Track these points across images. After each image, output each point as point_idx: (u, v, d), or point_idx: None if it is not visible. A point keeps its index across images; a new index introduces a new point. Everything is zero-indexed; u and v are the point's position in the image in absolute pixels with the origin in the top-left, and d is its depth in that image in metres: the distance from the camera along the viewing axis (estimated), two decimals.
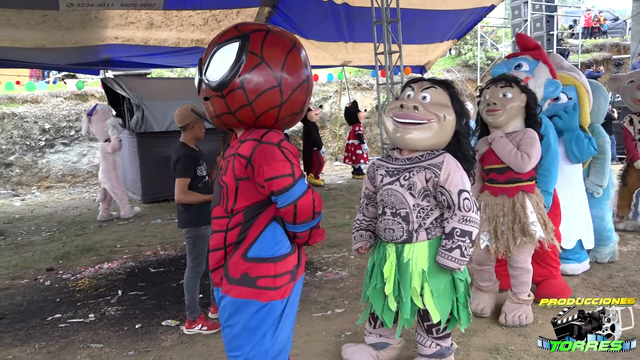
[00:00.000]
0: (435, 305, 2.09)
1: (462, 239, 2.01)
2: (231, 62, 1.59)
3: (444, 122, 2.07)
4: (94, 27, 7.09)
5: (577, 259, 3.57)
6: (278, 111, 1.64)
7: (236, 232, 1.67)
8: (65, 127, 10.55)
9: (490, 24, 18.18)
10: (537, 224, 2.72)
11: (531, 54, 3.28)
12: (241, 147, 1.65)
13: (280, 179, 1.59)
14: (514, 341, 2.60)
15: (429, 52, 10.49)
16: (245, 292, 1.65)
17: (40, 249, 5.25)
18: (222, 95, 1.61)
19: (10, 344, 2.93)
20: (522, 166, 2.68)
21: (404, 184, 2.08)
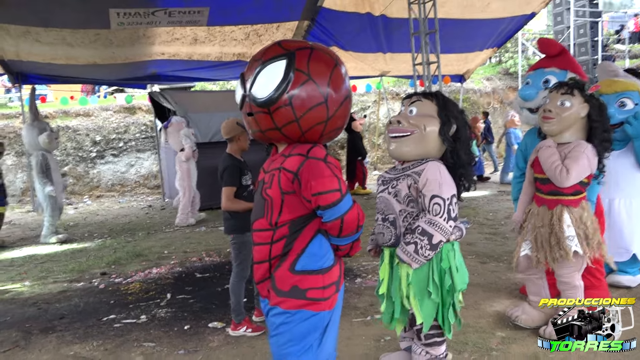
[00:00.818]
0: (420, 307, 2.15)
1: (421, 237, 2.07)
2: (279, 80, 1.62)
3: (425, 132, 2.16)
4: (142, 44, 7.45)
5: (631, 272, 3.48)
6: (324, 127, 1.68)
7: (281, 244, 1.69)
8: (114, 139, 11.04)
9: (532, 31, 17.90)
10: (573, 239, 2.63)
11: (557, 65, 3.20)
12: (287, 161, 1.68)
13: (328, 194, 1.62)
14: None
15: (469, 61, 10.43)
16: (296, 304, 1.68)
17: (94, 255, 5.54)
18: (269, 112, 1.64)
19: (71, 342, 3.14)
20: (559, 181, 2.60)
21: (391, 191, 2.20)
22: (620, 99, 3.38)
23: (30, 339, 3.23)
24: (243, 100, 1.71)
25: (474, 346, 2.70)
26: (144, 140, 11.19)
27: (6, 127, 10.54)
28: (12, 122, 10.70)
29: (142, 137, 11.21)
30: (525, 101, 3.27)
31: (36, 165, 6.28)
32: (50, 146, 6.36)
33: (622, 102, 3.37)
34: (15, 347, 3.10)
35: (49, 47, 7.05)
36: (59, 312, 3.71)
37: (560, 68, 3.18)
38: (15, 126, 10.46)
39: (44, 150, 6.32)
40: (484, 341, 2.75)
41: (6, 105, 12.38)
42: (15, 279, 4.72)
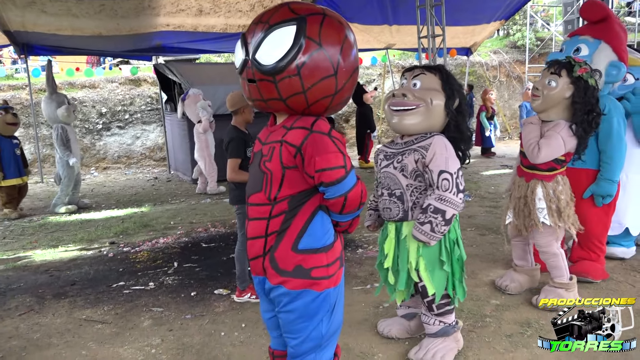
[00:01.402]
0: (430, 278, 2.24)
1: (435, 215, 2.12)
2: (287, 47, 1.49)
3: (431, 106, 2.18)
4: (147, 15, 7.43)
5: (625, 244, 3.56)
6: (331, 100, 1.59)
7: (279, 220, 1.62)
8: (120, 110, 11.09)
9: (542, 2, 17.57)
10: (542, 211, 2.75)
11: (592, 33, 3.07)
12: (289, 134, 1.59)
13: (333, 170, 1.54)
14: (546, 316, 2.70)
15: (476, 34, 10.32)
16: (300, 284, 1.64)
17: (102, 225, 5.67)
18: (274, 81, 1.52)
19: (83, 306, 3.27)
20: (531, 156, 2.72)
21: (397, 166, 2.23)
22: None
23: (44, 303, 3.36)
24: (244, 65, 1.57)
25: (469, 313, 2.81)
26: (149, 112, 11.23)
27: (13, 98, 10.58)
28: (18, 93, 10.75)
29: (147, 109, 11.24)
30: None
31: (57, 138, 6.42)
32: (68, 119, 6.50)
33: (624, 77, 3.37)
34: (30, 311, 3.24)
35: (54, 18, 7.05)
36: (70, 279, 3.84)
37: (594, 37, 3.05)
38: (22, 97, 10.51)
39: (63, 123, 6.46)
40: (478, 308, 2.85)
41: (12, 77, 12.41)
42: (26, 247, 4.86)
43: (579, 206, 2.98)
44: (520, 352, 2.41)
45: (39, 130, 9.83)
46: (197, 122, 7.17)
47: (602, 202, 3.06)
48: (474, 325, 2.67)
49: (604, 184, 3.01)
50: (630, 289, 3.06)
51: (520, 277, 3.05)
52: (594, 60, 3.01)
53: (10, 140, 6.37)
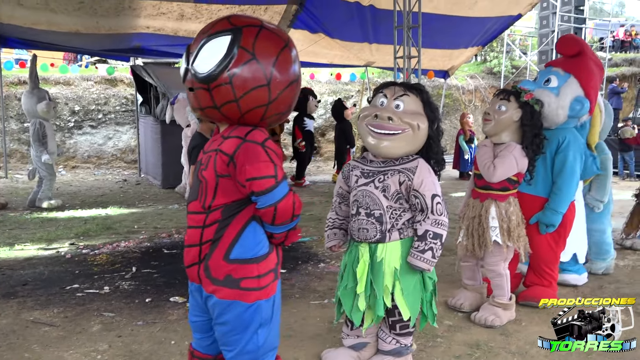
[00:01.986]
0: (406, 302, 2.20)
1: (434, 241, 2.13)
2: (221, 56, 1.54)
3: (418, 131, 2.16)
4: (127, 15, 7.37)
5: (576, 271, 3.61)
6: (265, 110, 1.61)
7: (213, 229, 1.63)
8: (93, 110, 10.93)
9: (521, 32, 18.07)
10: (495, 229, 2.87)
11: (564, 67, 3.13)
12: (224, 143, 1.62)
13: (263, 180, 1.56)
14: (495, 339, 2.74)
15: (453, 58, 10.53)
16: (230, 294, 1.64)
17: (64, 225, 5.54)
18: (208, 89, 1.57)
19: (32, 307, 3.18)
20: (487, 175, 2.84)
21: (378, 186, 2.17)
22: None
23: None
24: (186, 74, 1.63)
25: (421, 333, 2.82)
26: (124, 113, 11.09)
27: None
28: None
29: (122, 110, 11.11)
30: None
31: (33, 133, 6.36)
32: (48, 115, 6.47)
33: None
34: None
35: (30, 12, 6.94)
36: (22, 279, 3.74)
37: (565, 70, 3.10)
38: None
39: (41, 119, 6.40)
40: (431, 328, 2.85)
41: None
42: None
43: (529, 231, 3.07)
44: None
45: (7, 125, 9.61)
46: (185, 126, 7.08)
47: (545, 231, 3.12)
48: (425, 344, 2.69)
49: (549, 214, 3.07)
50: None
51: (471, 295, 3.15)
52: (560, 93, 3.04)
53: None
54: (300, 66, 1.74)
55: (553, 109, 3.03)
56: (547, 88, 3.07)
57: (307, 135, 8.71)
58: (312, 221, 5.76)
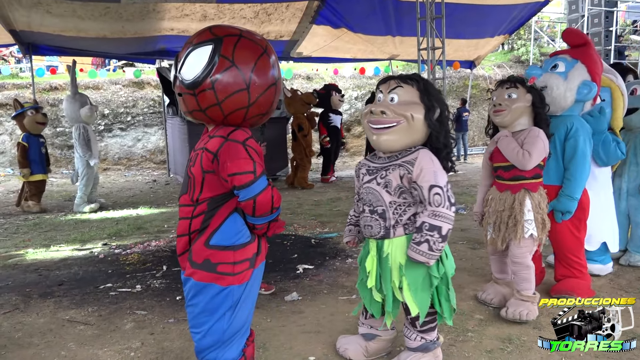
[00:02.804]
0: (413, 298, 2.15)
1: (430, 233, 2.05)
2: (204, 64, 1.70)
3: (413, 121, 2.10)
4: (152, 19, 7.50)
5: (601, 261, 3.54)
6: (245, 112, 1.77)
7: (200, 220, 1.81)
8: (122, 112, 11.16)
9: (549, 18, 17.62)
10: (532, 222, 2.81)
11: (571, 53, 3.17)
12: (210, 142, 1.78)
13: (242, 175, 1.72)
14: (528, 332, 2.68)
15: (479, 47, 10.36)
16: (206, 276, 1.80)
17: (96, 226, 5.68)
18: (194, 94, 1.73)
19: (67, 307, 3.27)
20: (523, 163, 2.77)
21: (380, 182, 2.17)
22: None
23: (30, 302, 3.36)
24: (175, 81, 1.79)
25: (451, 327, 2.79)
26: (151, 115, 11.30)
27: (16, 97, 10.67)
28: (22, 92, 10.85)
29: (149, 112, 11.32)
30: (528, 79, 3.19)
31: (78, 137, 6.58)
32: (90, 119, 6.70)
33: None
34: (15, 310, 3.24)
35: (59, 19, 7.13)
36: (58, 279, 3.85)
37: (572, 57, 3.13)
38: (26, 96, 10.58)
39: (84, 123, 6.63)
40: (461, 323, 2.83)
41: (17, 76, 12.51)
42: (19, 246, 4.88)
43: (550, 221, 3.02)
44: None
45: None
46: None
47: (560, 218, 3.07)
48: (455, 339, 2.65)
49: (564, 200, 3.02)
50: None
51: (503, 290, 3.07)
52: (568, 77, 3.06)
53: (38, 139, 6.68)
54: (279, 70, 1.88)
55: (562, 91, 3.03)
56: (554, 72, 3.09)
57: (333, 130, 8.67)
58: (339, 217, 5.75)
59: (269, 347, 2.61)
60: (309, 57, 10.13)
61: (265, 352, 2.58)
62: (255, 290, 1.96)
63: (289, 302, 3.26)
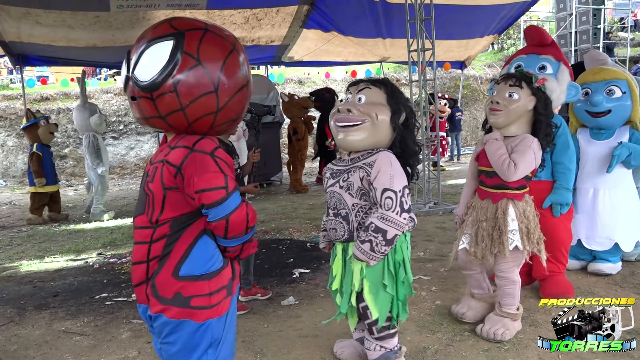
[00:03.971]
0: (374, 301, 2.13)
1: (375, 234, 2.03)
2: (163, 62, 1.45)
3: (377, 121, 2.09)
4: (142, 26, 7.47)
5: (614, 260, 3.52)
6: (214, 118, 1.53)
7: (161, 244, 1.54)
8: (115, 121, 11.12)
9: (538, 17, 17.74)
10: (516, 233, 2.56)
11: (554, 55, 3.13)
12: (171, 153, 1.52)
13: (212, 191, 1.48)
14: (525, 330, 2.69)
15: (469, 48, 10.41)
16: (179, 313, 1.55)
17: (91, 235, 5.66)
18: (151, 98, 1.48)
19: (63, 318, 3.25)
20: (507, 175, 2.52)
21: (342, 185, 2.14)
22: (609, 86, 3.42)
23: (25, 315, 3.34)
24: (126, 82, 1.54)
25: (448, 326, 2.79)
26: None
27: (8, 108, 10.63)
28: (13, 103, 10.80)
29: None
30: None
31: (88, 146, 6.58)
32: (100, 127, 6.70)
33: (610, 90, 3.40)
34: (10, 323, 3.22)
35: (49, 29, 7.10)
36: (53, 290, 3.83)
37: (556, 58, 3.09)
38: (17, 107, 10.55)
39: (94, 132, 6.62)
40: (458, 322, 2.83)
41: (8, 87, 12.46)
42: (13, 258, 4.85)
43: (543, 217, 2.91)
44: None
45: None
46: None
47: (559, 212, 3.06)
48: (452, 339, 2.66)
49: (563, 193, 3.02)
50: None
51: (478, 305, 2.85)
52: (558, 79, 3.03)
53: (49, 149, 6.71)
54: (249, 70, 1.65)
55: (557, 95, 2.97)
56: (546, 74, 3.01)
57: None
58: None
59: (267, 353, 2.61)
60: (301, 62, 10.14)
61: (263, 357, 2.57)
62: (235, 318, 1.75)
63: (285, 306, 3.26)
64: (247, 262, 3.38)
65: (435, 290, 3.34)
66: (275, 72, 12.38)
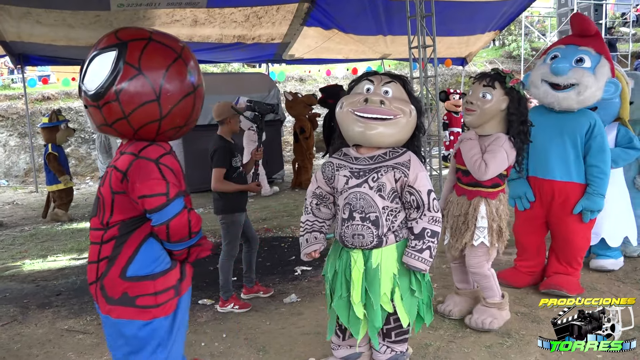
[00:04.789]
0: (405, 308, 2.05)
1: (432, 239, 1.98)
2: (107, 72, 1.52)
3: (410, 118, 2.01)
4: (143, 25, 7.45)
5: (614, 256, 3.51)
6: (158, 125, 1.59)
7: (110, 246, 1.61)
8: None
9: (539, 13, 17.69)
10: (484, 230, 2.62)
11: (595, 47, 2.98)
12: (120, 159, 1.60)
13: (153, 197, 1.54)
14: (527, 326, 2.70)
15: (470, 44, 10.38)
16: (126, 312, 1.61)
17: None
18: (98, 106, 1.55)
19: (66, 316, 3.26)
20: (479, 175, 2.56)
21: (373, 185, 1.99)
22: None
23: (28, 313, 3.35)
24: (80, 91, 1.62)
25: (450, 323, 2.80)
26: None
27: (9, 108, 10.64)
28: (15, 103, 10.81)
29: None
30: (555, 75, 2.94)
31: (100, 145, 6.74)
32: None
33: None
34: (13, 322, 3.22)
35: (49, 29, 7.11)
36: (56, 289, 3.84)
37: (597, 51, 2.97)
38: (18, 107, 10.56)
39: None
40: (460, 319, 2.83)
41: (9, 87, 12.47)
42: (15, 257, 4.86)
43: (570, 222, 2.93)
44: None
45: (35, 140, 9.85)
46: (247, 129, 7.12)
47: (589, 218, 2.98)
48: (454, 335, 2.66)
49: (596, 199, 2.92)
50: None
51: (463, 301, 2.87)
52: (597, 74, 2.91)
53: (63, 149, 6.86)
54: (199, 76, 1.68)
55: (593, 91, 2.87)
56: (583, 68, 2.91)
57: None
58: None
59: (269, 350, 2.61)
60: (301, 59, 10.13)
61: (266, 354, 2.58)
62: (187, 318, 1.79)
63: (287, 304, 3.26)
64: (249, 260, 3.38)
65: (437, 287, 3.34)
66: (276, 69, 12.37)
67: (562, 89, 2.94)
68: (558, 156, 2.99)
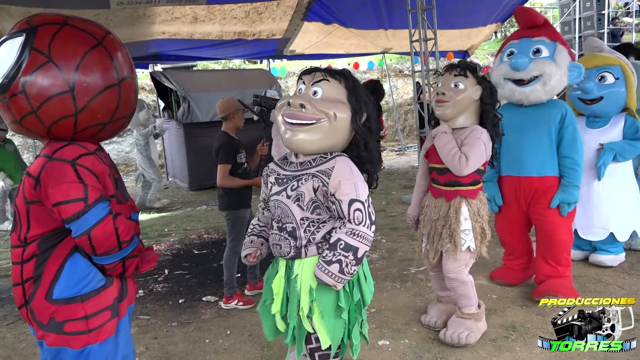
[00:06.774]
0: (325, 328, 1.80)
1: (345, 253, 1.71)
2: (12, 61, 1.34)
3: (335, 121, 1.76)
4: (143, 23, 7.47)
5: (615, 252, 3.45)
6: (74, 121, 1.39)
7: (32, 265, 1.42)
8: None
9: (541, 4, 17.59)
10: (469, 233, 2.46)
11: (547, 35, 2.93)
12: (33, 163, 1.40)
13: (69, 204, 1.34)
14: (532, 320, 2.69)
15: (472, 37, 10.31)
16: (56, 339, 1.43)
17: None
18: (4, 100, 1.37)
19: None
20: (459, 169, 2.40)
21: (290, 194, 1.80)
22: (601, 73, 3.32)
23: None
24: None
25: None
26: None
27: None
28: None
29: None
30: (517, 71, 2.87)
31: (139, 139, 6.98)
32: (148, 122, 7.02)
33: (602, 76, 3.32)
34: (18, 321, 3.23)
35: None
36: None
37: (550, 39, 2.92)
38: None
39: (142, 126, 6.95)
40: None
41: None
42: None
43: (550, 217, 2.87)
44: (503, 356, 2.39)
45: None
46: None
47: (567, 211, 2.90)
48: None
49: (572, 191, 2.85)
50: (619, 291, 3.03)
51: (447, 309, 2.74)
52: (557, 61, 2.86)
53: None
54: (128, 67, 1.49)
55: (558, 78, 2.82)
56: (542, 58, 2.86)
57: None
58: None
59: (273, 346, 2.61)
60: (302, 55, 10.11)
61: (270, 350, 2.58)
62: (130, 341, 1.60)
63: None
64: (231, 266, 3.24)
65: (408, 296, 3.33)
66: (278, 65, 12.33)
67: (527, 84, 2.88)
68: (532, 151, 2.92)
